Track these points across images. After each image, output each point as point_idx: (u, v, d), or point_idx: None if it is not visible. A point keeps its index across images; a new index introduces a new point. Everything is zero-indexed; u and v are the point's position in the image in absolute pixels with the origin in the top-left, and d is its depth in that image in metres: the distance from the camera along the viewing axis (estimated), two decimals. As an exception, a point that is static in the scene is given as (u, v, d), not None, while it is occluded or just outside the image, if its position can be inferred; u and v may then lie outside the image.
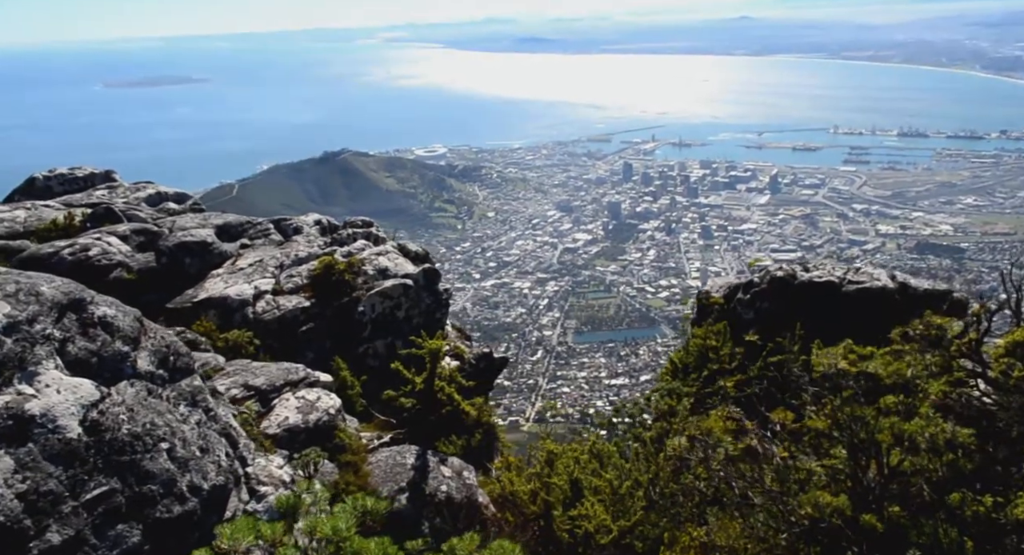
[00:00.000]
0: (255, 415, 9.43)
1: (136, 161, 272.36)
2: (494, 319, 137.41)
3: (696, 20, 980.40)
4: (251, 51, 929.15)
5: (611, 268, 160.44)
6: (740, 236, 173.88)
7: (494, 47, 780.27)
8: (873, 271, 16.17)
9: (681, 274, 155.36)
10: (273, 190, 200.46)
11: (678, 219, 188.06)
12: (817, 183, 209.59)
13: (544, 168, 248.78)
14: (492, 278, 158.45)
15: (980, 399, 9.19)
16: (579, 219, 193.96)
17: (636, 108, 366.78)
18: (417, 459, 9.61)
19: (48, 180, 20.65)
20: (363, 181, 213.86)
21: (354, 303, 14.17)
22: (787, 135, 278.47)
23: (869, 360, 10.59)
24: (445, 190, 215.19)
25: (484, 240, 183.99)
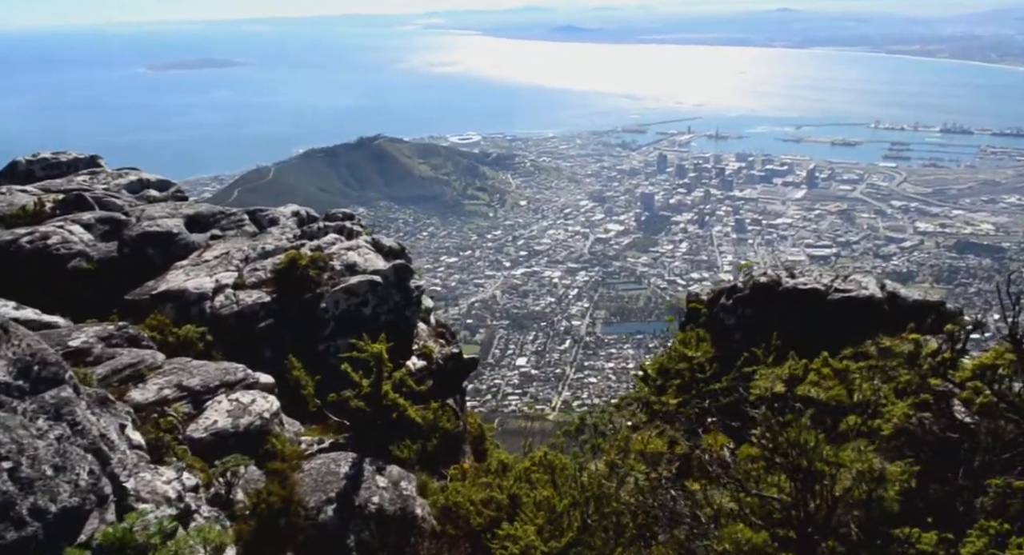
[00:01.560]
0: (182, 418, 9.01)
1: (173, 142, 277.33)
2: (523, 307, 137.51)
3: (735, 11, 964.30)
4: (290, 35, 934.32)
5: (642, 260, 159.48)
6: (774, 230, 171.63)
7: (532, 35, 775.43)
8: (862, 280, 15.68)
9: (713, 267, 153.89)
10: (308, 174, 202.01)
11: (712, 212, 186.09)
12: (855, 179, 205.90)
13: (578, 158, 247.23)
14: (522, 267, 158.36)
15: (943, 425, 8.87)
16: (611, 210, 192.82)
17: (672, 99, 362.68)
18: (351, 468, 9.10)
19: (31, 164, 20.33)
20: (397, 167, 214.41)
21: (317, 299, 13.59)
22: (826, 129, 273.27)
23: (807, 384, 10.34)
24: (478, 178, 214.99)
25: (516, 228, 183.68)
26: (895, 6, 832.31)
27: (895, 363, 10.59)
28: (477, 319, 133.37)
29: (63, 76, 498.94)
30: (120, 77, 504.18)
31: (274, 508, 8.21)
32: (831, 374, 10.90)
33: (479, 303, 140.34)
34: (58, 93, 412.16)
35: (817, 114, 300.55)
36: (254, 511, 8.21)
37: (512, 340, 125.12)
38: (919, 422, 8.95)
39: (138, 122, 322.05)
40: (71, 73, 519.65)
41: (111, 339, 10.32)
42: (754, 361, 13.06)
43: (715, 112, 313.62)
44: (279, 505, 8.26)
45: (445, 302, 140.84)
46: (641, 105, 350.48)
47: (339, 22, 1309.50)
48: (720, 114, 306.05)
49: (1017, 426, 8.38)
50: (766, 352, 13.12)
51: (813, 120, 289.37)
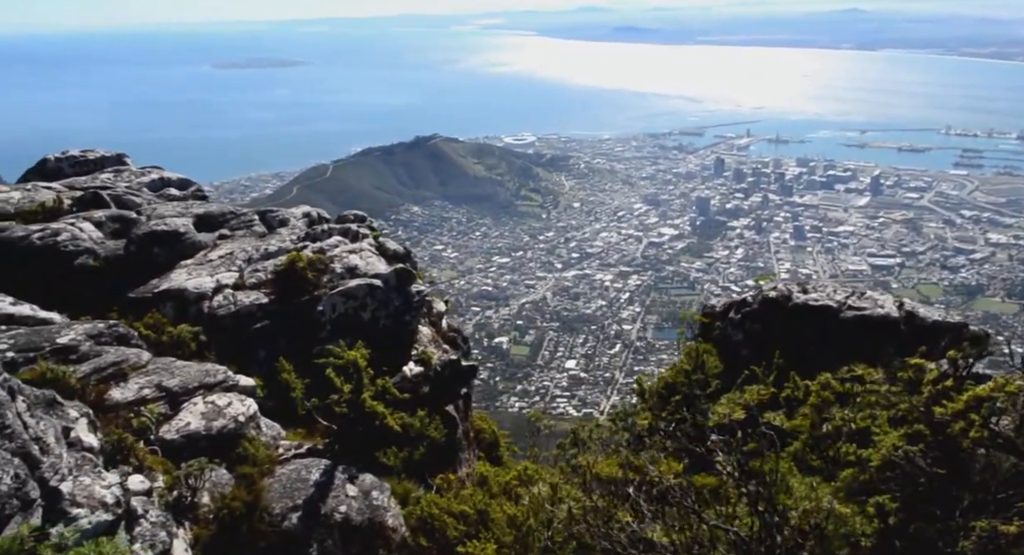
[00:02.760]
0: (156, 419, 8.89)
1: (236, 139, 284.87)
2: (574, 310, 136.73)
3: (801, 12, 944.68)
4: (350, 36, 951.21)
5: (696, 265, 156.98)
6: (835, 238, 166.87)
7: (589, 35, 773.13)
8: (879, 297, 14.91)
9: (770, 275, 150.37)
10: (365, 172, 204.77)
11: (770, 218, 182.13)
12: (923, 186, 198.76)
13: (633, 160, 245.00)
14: (574, 269, 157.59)
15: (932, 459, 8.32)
16: (666, 213, 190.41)
17: (731, 102, 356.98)
18: (322, 475, 8.99)
19: (60, 161, 20.68)
20: (452, 166, 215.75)
21: (314, 302, 13.53)
22: (893, 134, 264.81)
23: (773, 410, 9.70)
24: (532, 179, 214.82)
25: (568, 230, 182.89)
26: (969, 7, 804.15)
27: (897, 389, 9.85)
28: (527, 320, 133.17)
29: (133, 73, 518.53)
30: (187, 75, 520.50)
31: (236, 513, 8.03)
32: (832, 398, 10.18)
33: (530, 304, 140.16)
34: (127, 90, 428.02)
35: (884, 119, 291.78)
36: (217, 515, 8.05)
37: (562, 342, 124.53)
38: (905, 455, 8.38)
39: (202, 119, 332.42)
40: (141, 71, 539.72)
41: (100, 337, 10.19)
42: (753, 379, 12.44)
43: (776, 115, 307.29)
44: (242, 510, 8.07)
45: (496, 302, 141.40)
46: (699, 107, 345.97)
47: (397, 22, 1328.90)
48: (781, 118, 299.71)
49: (1014, 464, 7.75)
50: (767, 370, 12.49)
51: (879, 125, 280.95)
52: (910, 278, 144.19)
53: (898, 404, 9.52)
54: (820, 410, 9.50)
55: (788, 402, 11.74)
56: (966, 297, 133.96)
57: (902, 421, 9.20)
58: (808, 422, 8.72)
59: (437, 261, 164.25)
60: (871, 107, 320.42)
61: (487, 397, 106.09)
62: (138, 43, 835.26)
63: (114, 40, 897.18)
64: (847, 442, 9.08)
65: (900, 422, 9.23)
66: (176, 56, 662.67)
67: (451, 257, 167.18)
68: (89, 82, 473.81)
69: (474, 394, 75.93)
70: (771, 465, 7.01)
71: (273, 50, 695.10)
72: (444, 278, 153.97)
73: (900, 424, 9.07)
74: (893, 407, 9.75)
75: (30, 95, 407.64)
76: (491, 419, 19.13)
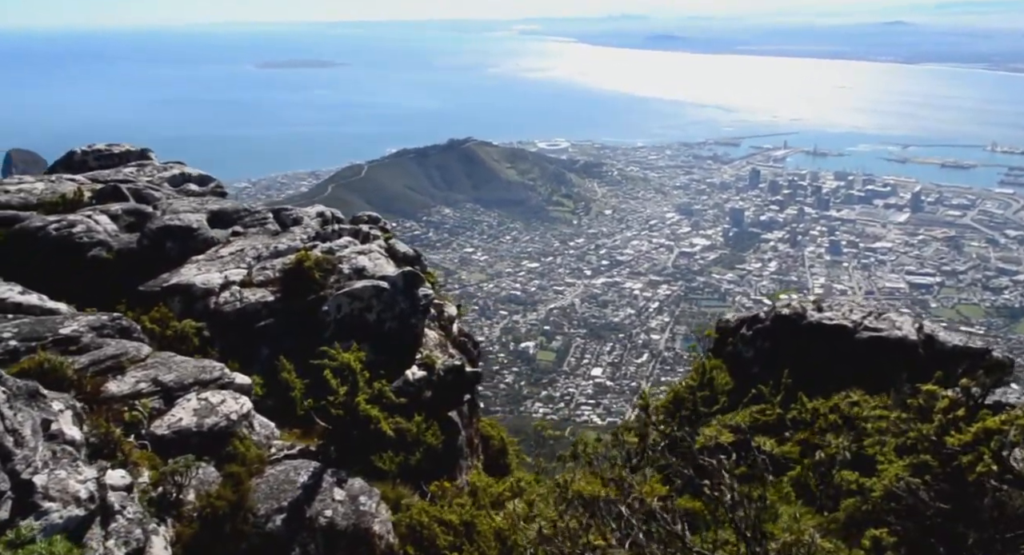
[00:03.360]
0: (149, 414, 8.79)
1: (272, 138, 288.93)
2: (602, 317, 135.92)
3: (841, 23, 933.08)
4: (388, 39, 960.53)
5: (728, 276, 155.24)
6: (872, 254, 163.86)
7: (625, 43, 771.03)
8: (897, 319, 14.31)
9: (803, 289, 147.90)
10: (399, 173, 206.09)
11: (805, 231, 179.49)
12: (966, 204, 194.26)
13: (666, 169, 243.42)
14: (603, 276, 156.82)
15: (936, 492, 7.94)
16: (698, 223, 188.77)
17: (768, 112, 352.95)
18: (310, 477, 8.83)
19: (86, 155, 21.05)
20: (485, 170, 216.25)
21: (320, 302, 13.53)
22: (936, 150, 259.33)
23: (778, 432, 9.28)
24: (564, 184, 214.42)
25: (599, 237, 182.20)
26: (1016, 22, 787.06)
27: (907, 416, 9.41)
28: (555, 326, 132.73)
29: (178, 72, 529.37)
30: (230, 74, 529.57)
31: (220, 513, 7.88)
32: (839, 421, 9.75)
33: (557, 310, 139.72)
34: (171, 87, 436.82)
35: (926, 133, 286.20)
36: (201, 514, 7.92)
37: (589, 349, 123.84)
38: (907, 486, 8.01)
39: (243, 117, 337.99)
40: (186, 69, 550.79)
41: (103, 329, 10.13)
42: (760, 399, 12.05)
43: (814, 128, 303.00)
44: (226, 510, 7.92)
45: (524, 307, 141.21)
46: (735, 117, 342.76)
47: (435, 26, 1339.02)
48: (819, 130, 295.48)
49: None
50: (774, 390, 12.02)
51: (922, 140, 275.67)
52: (950, 298, 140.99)
53: (908, 432, 9.06)
54: (819, 435, 9.07)
55: (794, 424, 11.38)
56: (1008, 320, 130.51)
57: (911, 450, 8.80)
58: (798, 449, 8.33)
59: (467, 263, 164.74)
60: (913, 121, 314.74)
61: (512, 401, 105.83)
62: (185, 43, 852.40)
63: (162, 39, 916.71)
64: (850, 469, 8.72)
65: (908, 451, 8.84)
66: (220, 55, 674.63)
67: (481, 260, 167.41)
68: (135, 79, 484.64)
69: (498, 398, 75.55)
70: (759, 492, 6.74)
71: (312, 51, 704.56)
72: (473, 281, 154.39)
73: (907, 453, 8.71)
74: (902, 435, 9.33)
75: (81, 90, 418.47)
76: (500, 425, 18.81)
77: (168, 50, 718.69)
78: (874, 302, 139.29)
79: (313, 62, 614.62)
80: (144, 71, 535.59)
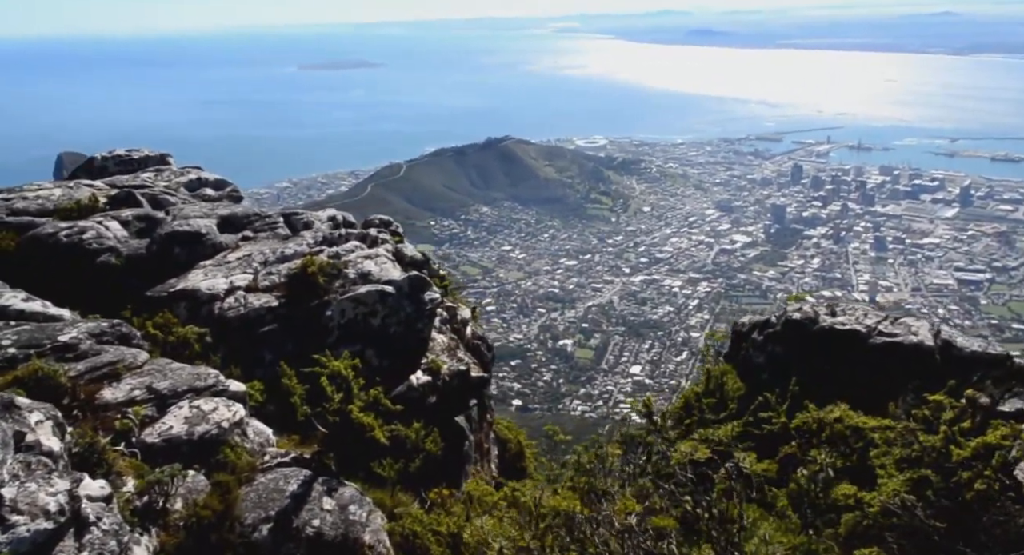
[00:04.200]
0: (140, 422, 8.68)
1: (313, 138, 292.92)
2: (640, 315, 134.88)
3: (889, 14, 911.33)
4: (425, 38, 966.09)
5: (769, 273, 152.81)
6: (919, 250, 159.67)
7: (665, 39, 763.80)
8: (914, 324, 13.72)
9: (847, 286, 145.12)
10: (437, 172, 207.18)
11: (849, 227, 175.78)
12: (1018, 198, 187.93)
13: (706, 165, 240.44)
14: (642, 274, 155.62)
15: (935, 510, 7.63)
16: (739, 220, 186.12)
17: (811, 107, 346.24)
18: (300, 486, 8.67)
19: (105, 160, 21.31)
20: (522, 168, 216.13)
21: (324, 307, 13.43)
22: (986, 143, 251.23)
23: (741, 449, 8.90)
24: (602, 182, 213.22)
25: (637, 234, 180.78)
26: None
27: (915, 427, 9.08)
28: (593, 324, 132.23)
29: (223, 74, 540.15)
30: (271, 76, 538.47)
31: (204, 522, 7.80)
32: (844, 432, 9.42)
33: (596, 308, 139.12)
34: (215, 89, 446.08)
35: (976, 126, 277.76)
36: (187, 523, 7.83)
37: (627, 347, 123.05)
38: (902, 503, 7.69)
39: (286, 118, 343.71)
40: (229, 72, 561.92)
41: (102, 336, 10.14)
42: (766, 407, 11.60)
43: (859, 122, 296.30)
44: (211, 519, 7.84)
45: (562, 304, 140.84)
46: (777, 112, 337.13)
47: (473, 25, 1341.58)
48: (865, 124, 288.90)
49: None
50: (780, 398, 11.59)
51: (971, 133, 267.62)
52: (1001, 295, 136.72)
53: (913, 444, 8.73)
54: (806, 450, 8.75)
55: (799, 433, 10.98)
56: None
57: (915, 463, 8.43)
58: (775, 466, 8.03)
59: (505, 261, 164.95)
60: (962, 114, 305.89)
61: (550, 399, 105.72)
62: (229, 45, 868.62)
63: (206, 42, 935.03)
64: (850, 483, 8.35)
65: (913, 464, 8.48)
66: (263, 57, 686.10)
67: (519, 258, 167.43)
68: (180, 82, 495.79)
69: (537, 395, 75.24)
70: (735, 509, 6.49)
71: (353, 52, 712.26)
72: (511, 279, 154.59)
73: (911, 467, 8.34)
74: (908, 447, 8.94)
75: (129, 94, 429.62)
76: (519, 428, 18.61)
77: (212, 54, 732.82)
78: (920, 299, 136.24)
79: (353, 63, 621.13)
80: (190, 74, 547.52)
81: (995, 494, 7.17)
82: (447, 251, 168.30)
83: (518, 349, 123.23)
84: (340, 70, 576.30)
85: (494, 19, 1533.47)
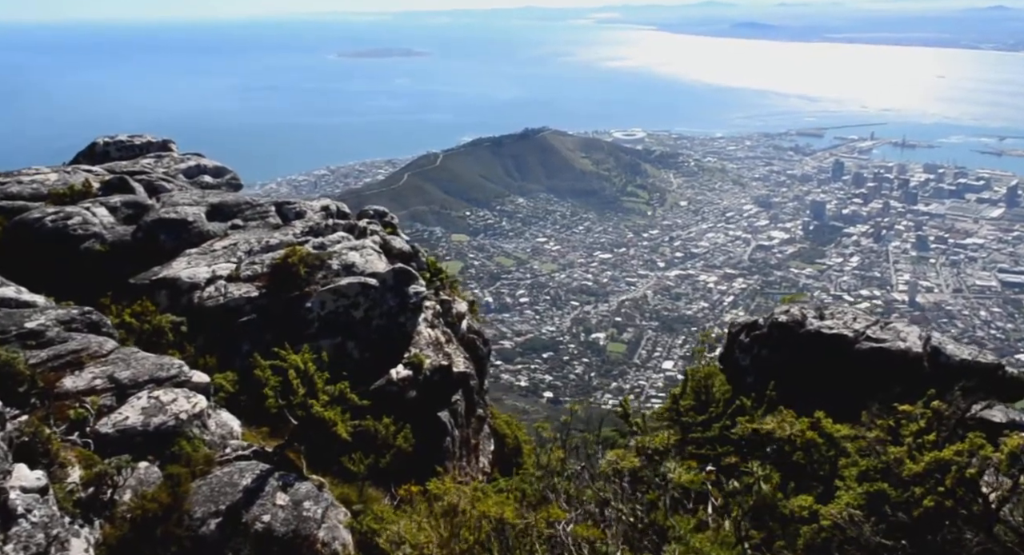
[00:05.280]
0: (95, 412, 8.51)
1: (352, 126, 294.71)
2: (674, 310, 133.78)
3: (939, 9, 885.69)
4: (468, 27, 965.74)
5: (807, 271, 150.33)
6: (962, 251, 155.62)
7: (709, 31, 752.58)
8: (903, 329, 13.32)
9: (886, 286, 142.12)
10: (474, 162, 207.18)
11: (890, 226, 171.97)
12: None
13: (745, 160, 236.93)
14: (677, 268, 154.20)
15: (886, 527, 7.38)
16: (777, 216, 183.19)
17: (856, 102, 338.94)
18: (254, 481, 8.44)
19: (107, 146, 21.38)
20: (559, 160, 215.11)
21: (305, 298, 13.26)
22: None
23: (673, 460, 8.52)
24: (639, 175, 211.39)
25: (673, 229, 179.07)
26: None
27: (884, 437, 8.77)
28: (626, 318, 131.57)
29: (262, 61, 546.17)
30: (312, 63, 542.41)
31: (150, 515, 7.66)
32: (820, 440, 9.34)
33: (629, 301, 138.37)
34: (254, 77, 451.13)
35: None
36: (132, 516, 7.73)
37: (660, 342, 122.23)
38: (850, 518, 7.44)
39: (325, 105, 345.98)
40: (271, 58, 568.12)
41: (71, 323, 10.08)
42: (741, 412, 11.34)
43: (904, 118, 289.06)
44: (158, 512, 7.71)
45: (595, 298, 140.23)
46: (819, 107, 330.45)
47: (516, 15, 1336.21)
48: (910, 120, 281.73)
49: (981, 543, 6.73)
50: (756, 403, 11.26)
51: (1021, 131, 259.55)
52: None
53: (881, 455, 8.40)
54: (744, 460, 8.47)
55: (747, 442, 10.63)
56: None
57: (879, 476, 8.12)
58: (700, 478, 7.72)
59: (539, 253, 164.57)
60: (1012, 112, 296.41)
61: (581, 392, 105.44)
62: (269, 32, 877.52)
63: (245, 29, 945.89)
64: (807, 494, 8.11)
65: (875, 477, 8.16)
66: (303, 44, 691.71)
67: (553, 250, 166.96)
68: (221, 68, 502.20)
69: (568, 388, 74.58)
70: (661, 518, 6.37)
71: (396, 40, 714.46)
72: (545, 270, 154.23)
73: (870, 480, 8.02)
74: (877, 458, 8.63)
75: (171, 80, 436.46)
76: (519, 424, 18.31)
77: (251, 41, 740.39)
78: (962, 300, 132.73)
79: (396, 51, 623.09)
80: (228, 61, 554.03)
81: (945, 512, 6.88)
82: (481, 242, 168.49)
83: (550, 341, 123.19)
84: (382, 58, 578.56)
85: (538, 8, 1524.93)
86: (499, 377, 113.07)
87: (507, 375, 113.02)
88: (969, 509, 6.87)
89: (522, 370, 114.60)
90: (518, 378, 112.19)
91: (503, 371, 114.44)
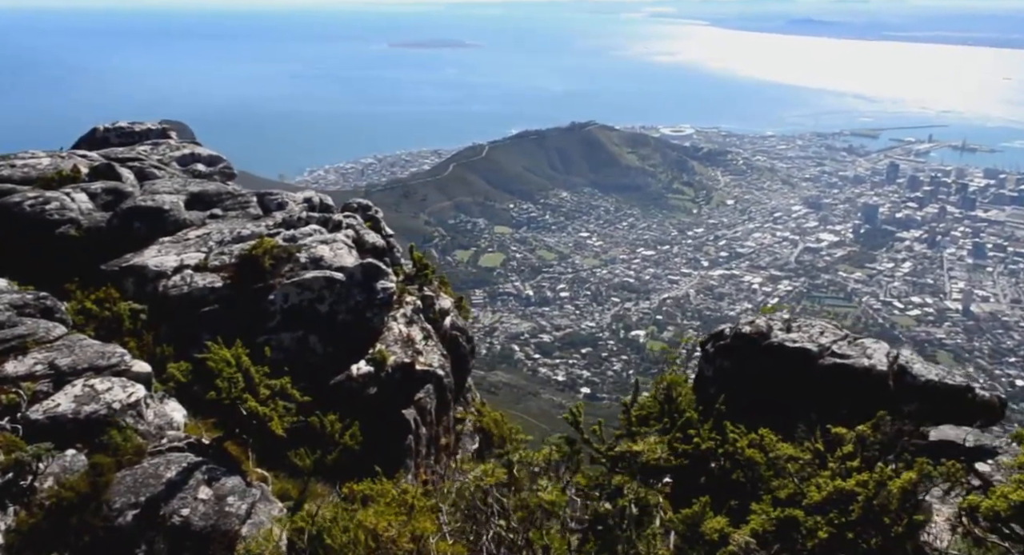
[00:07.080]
0: (28, 397, 8.34)
1: (400, 115, 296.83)
2: (717, 310, 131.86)
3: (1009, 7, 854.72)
4: (521, 19, 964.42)
5: (856, 275, 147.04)
6: (1022, 260, 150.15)
7: (764, 27, 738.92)
8: (871, 346, 12.69)
9: (939, 293, 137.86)
10: (519, 154, 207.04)
11: (946, 231, 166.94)
12: None
13: (796, 159, 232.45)
14: (720, 268, 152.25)
15: None
16: (827, 218, 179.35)
17: (916, 103, 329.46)
18: (179, 473, 8.27)
19: (107, 132, 21.59)
20: (604, 154, 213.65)
21: (268, 290, 13.10)
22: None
23: None
24: (685, 172, 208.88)
25: (719, 228, 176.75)
26: None
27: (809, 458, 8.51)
28: (667, 316, 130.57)
29: (312, 49, 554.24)
30: (362, 52, 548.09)
31: (66, 504, 7.55)
32: (759, 458, 8.95)
33: (671, 300, 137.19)
34: (304, 64, 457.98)
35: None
36: (49, 504, 7.62)
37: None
38: (745, 546, 7.34)
39: (374, 94, 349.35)
40: (318, 46, 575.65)
41: (24, 308, 9.99)
42: (689, 425, 11.06)
43: (966, 121, 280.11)
44: (74, 501, 7.59)
45: (636, 295, 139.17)
46: (875, 108, 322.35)
47: (568, 7, 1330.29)
48: (971, 123, 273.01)
49: None
50: (703, 417, 11.03)
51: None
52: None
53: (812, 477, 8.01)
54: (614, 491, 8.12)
55: (717, 457, 10.27)
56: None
57: (798, 501, 7.75)
58: (565, 498, 7.35)
59: (581, 248, 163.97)
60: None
61: (619, 389, 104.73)
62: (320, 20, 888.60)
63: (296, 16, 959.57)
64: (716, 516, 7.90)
65: (792, 501, 7.79)
66: (356, 34, 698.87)
67: (595, 245, 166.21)
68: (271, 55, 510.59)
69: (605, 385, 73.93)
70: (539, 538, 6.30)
71: (447, 31, 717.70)
72: (586, 265, 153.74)
73: (783, 504, 7.67)
74: (806, 480, 8.25)
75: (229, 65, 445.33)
76: (507, 421, 17.82)
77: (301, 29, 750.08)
78: (1020, 311, 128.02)
79: (447, 42, 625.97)
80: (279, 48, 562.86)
81: (845, 544, 6.56)
82: (524, 234, 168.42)
83: (589, 337, 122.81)
84: (433, 49, 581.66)
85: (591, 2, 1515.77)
86: (537, 370, 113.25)
87: (545, 369, 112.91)
88: (867, 543, 6.56)
89: (560, 365, 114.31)
90: (556, 373, 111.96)
91: (541, 365, 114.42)
